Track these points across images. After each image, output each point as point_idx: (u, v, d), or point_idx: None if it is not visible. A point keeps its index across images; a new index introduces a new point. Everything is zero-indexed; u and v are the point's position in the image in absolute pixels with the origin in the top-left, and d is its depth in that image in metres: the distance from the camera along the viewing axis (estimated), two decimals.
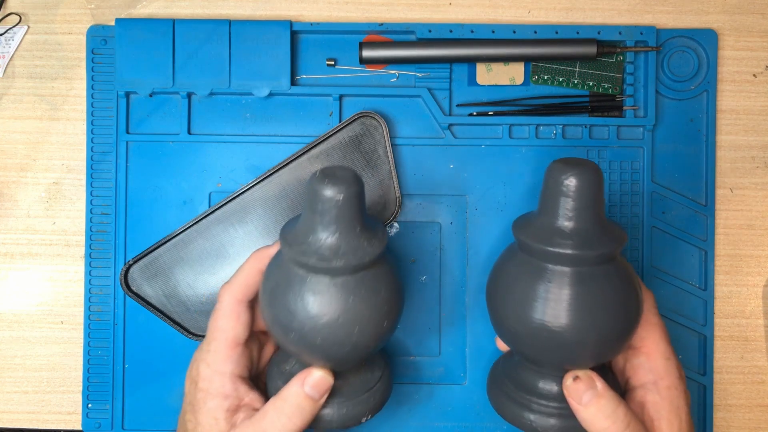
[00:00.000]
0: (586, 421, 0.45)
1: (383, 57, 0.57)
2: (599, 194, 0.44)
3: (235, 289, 0.48)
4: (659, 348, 0.47)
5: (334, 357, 0.45)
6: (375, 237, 0.45)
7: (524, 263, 0.45)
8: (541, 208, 0.46)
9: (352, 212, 0.43)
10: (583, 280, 0.43)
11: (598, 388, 0.45)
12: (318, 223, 0.44)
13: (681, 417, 0.46)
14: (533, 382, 0.48)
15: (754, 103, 0.59)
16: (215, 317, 0.48)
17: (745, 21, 0.59)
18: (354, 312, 0.44)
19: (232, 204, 0.56)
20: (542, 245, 0.44)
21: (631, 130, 0.58)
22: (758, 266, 0.59)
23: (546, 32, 0.57)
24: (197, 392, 0.48)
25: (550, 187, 0.44)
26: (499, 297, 0.47)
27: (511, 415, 0.48)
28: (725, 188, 0.59)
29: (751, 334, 0.59)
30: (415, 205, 0.58)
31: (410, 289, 0.58)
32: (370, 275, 0.45)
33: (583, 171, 0.43)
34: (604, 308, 0.43)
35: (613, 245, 0.44)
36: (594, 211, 0.44)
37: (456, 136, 0.58)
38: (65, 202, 0.59)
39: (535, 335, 0.44)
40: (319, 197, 0.43)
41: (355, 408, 0.48)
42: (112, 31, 0.58)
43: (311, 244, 0.44)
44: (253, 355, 0.50)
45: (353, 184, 0.43)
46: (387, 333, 0.46)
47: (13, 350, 0.59)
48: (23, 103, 0.59)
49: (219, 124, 0.58)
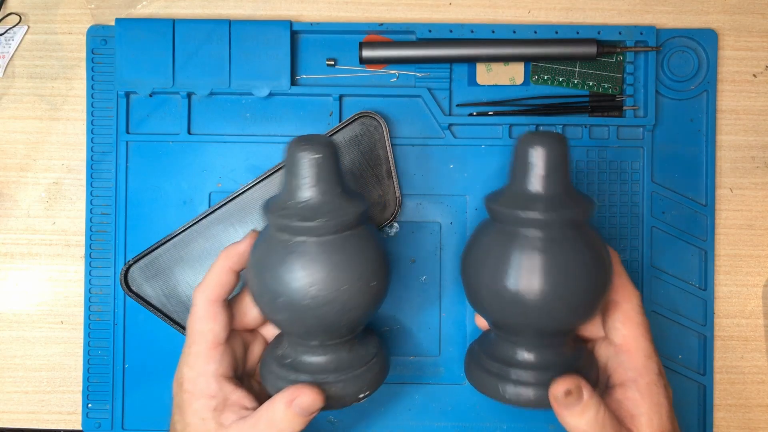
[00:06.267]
0: (569, 425, 0.46)
1: (383, 57, 0.57)
2: (565, 162, 0.46)
3: (207, 290, 0.48)
4: (640, 346, 0.48)
5: (324, 321, 0.45)
6: (355, 198, 0.47)
7: (496, 232, 0.47)
8: (511, 178, 0.47)
9: (330, 173, 0.45)
10: (552, 244, 0.45)
11: (585, 397, 0.45)
12: (297, 187, 0.45)
13: (661, 413, 0.46)
14: (510, 353, 0.49)
15: (754, 103, 0.59)
16: (191, 320, 0.48)
17: (744, 21, 0.59)
18: (340, 270, 0.45)
19: (232, 204, 0.56)
20: (513, 210, 0.45)
21: (631, 130, 0.58)
22: (758, 266, 0.59)
23: (546, 32, 0.57)
24: (183, 394, 0.48)
25: (519, 157, 0.46)
26: (473, 268, 0.47)
27: (489, 387, 0.49)
28: (725, 188, 0.59)
29: (751, 334, 0.59)
30: (414, 205, 0.58)
31: (410, 290, 0.58)
32: (354, 236, 0.46)
33: (549, 139, 0.45)
34: (573, 272, 0.45)
35: (581, 209, 0.45)
36: (561, 178, 0.46)
37: (456, 136, 0.58)
38: (65, 202, 0.59)
39: (510, 301, 0.45)
40: (297, 159, 0.45)
41: (351, 384, 0.48)
42: (112, 31, 0.58)
43: (291, 207, 0.45)
44: (237, 355, 0.50)
45: (328, 145, 0.45)
46: (375, 296, 0.47)
47: (13, 350, 0.59)
48: (23, 103, 0.59)
49: (219, 124, 0.58)
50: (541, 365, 0.47)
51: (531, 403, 0.47)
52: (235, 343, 0.50)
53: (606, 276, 0.47)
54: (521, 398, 0.47)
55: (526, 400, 0.47)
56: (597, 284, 0.46)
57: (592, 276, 0.45)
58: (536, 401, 0.47)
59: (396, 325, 0.58)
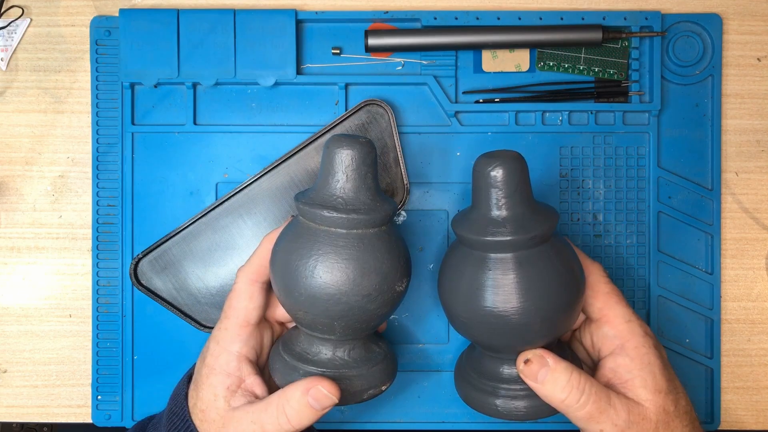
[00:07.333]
0: (546, 397, 0.46)
1: (389, 45, 0.57)
2: (524, 180, 0.46)
3: (249, 270, 0.49)
4: (617, 313, 0.48)
5: (344, 315, 0.45)
6: (386, 199, 0.47)
7: (466, 256, 0.47)
8: (474, 201, 0.48)
9: (364, 171, 0.46)
10: (522, 263, 0.45)
11: (550, 363, 0.46)
12: (331, 181, 0.46)
13: (654, 372, 0.47)
14: (495, 368, 0.49)
15: (759, 87, 0.59)
16: (230, 297, 0.50)
17: (748, 5, 0.59)
18: (365, 263, 0.45)
19: (239, 195, 0.56)
20: (480, 236, 0.46)
21: (636, 115, 0.58)
22: (764, 249, 0.59)
23: (551, 18, 0.57)
24: (203, 368, 0.49)
25: (478, 181, 0.47)
26: (448, 292, 0.48)
27: (479, 403, 0.50)
28: (731, 172, 0.59)
29: (757, 317, 0.59)
30: (422, 193, 0.58)
31: (418, 277, 0.58)
32: (381, 234, 0.46)
33: (505, 161, 0.46)
34: (546, 286, 0.45)
35: (546, 226, 0.46)
36: (522, 197, 0.46)
37: (462, 123, 0.58)
38: (71, 195, 0.59)
39: (486, 322, 0.46)
40: (335, 155, 0.45)
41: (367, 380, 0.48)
42: (115, 22, 0.57)
43: (322, 198, 0.46)
44: (263, 343, 0.50)
45: (366, 144, 0.46)
46: (400, 295, 0.47)
47: (21, 344, 0.59)
48: (27, 97, 0.58)
49: (225, 114, 0.58)
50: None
51: (525, 416, 0.48)
52: (264, 330, 0.51)
53: (579, 287, 0.47)
54: (512, 413, 0.48)
55: (518, 414, 0.48)
56: (570, 295, 0.46)
57: (564, 290, 0.46)
58: (529, 413, 0.48)
59: (404, 313, 0.58)
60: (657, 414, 0.46)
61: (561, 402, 0.45)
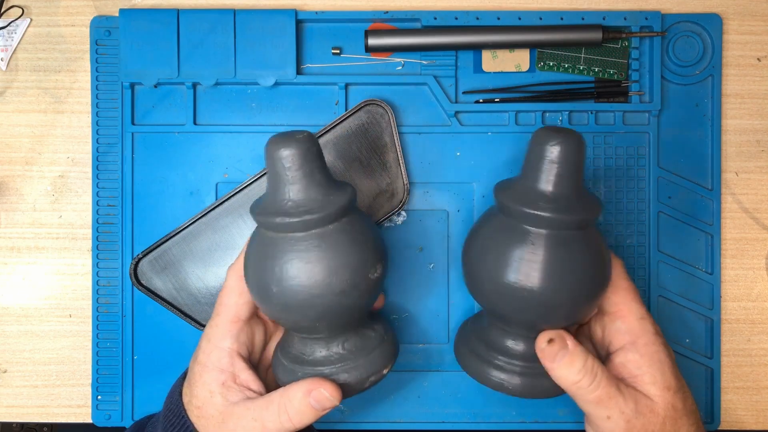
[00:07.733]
0: (560, 378, 0.47)
1: (389, 45, 0.57)
2: (580, 164, 0.46)
3: (238, 267, 0.50)
4: (632, 310, 0.49)
5: (323, 315, 0.45)
6: (340, 190, 0.46)
7: (503, 225, 0.47)
8: (524, 172, 0.47)
9: (309, 168, 0.44)
10: (559, 243, 0.45)
11: (569, 346, 0.46)
12: (279, 184, 0.45)
13: (664, 371, 0.47)
14: (501, 341, 0.49)
15: (759, 87, 0.59)
16: (220, 294, 0.50)
17: (748, 5, 0.59)
18: (326, 263, 0.44)
19: (239, 195, 0.56)
20: (524, 207, 0.45)
21: (636, 115, 0.58)
22: (764, 249, 0.59)
23: (551, 18, 0.57)
24: (195, 365, 0.49)
25: (535, 153, 0.46)
26: (476, 258, 0.48)
27: (478, 371, 0.49)
28: (731, 172, 0.59)
29: (757, 317, 0.59)
30: (422, 193, 0.58)
31: (418, 277, 0.58)
32: (343, 227, 0.45)
33: (568, 139, 0.45)
34: (577, 271, 0.45)
35: (590, 212, 0.46)
36: (574, 179, 0.46)
37: (462, 123, 0.58)
38: (71, 195, 0.59)
39: (511, 295, 0.46)
40: (275, 157, 0.44)
41: (364, 369, 0.48)
42: (115, 22, 0.57)
43: (273, 205, 0.45)
44: (255, 339, 0.51)
45: (303, 140, 0.44)
46: (370, 284, 0.46)
47: (21, 344, 0.59)
48: (27, 97, 0.58)
49: (225, 114, 0.58)
50: (530, 356, 0.48)
51: (514, 391, 0.48)
52: (255, 326, 0.51)
53: (605, 278, 0.47)
54: (505, 385, 0.48)
55: (509, 387, 0.48)
56: (597, 284, 0.46)
57: (592, 278, 0.46)
58: (520, 389, 0.48)
59: (404, 313, 0.58)
60: (665, 410, 0.46)
61: (573, 384, 0.46)
